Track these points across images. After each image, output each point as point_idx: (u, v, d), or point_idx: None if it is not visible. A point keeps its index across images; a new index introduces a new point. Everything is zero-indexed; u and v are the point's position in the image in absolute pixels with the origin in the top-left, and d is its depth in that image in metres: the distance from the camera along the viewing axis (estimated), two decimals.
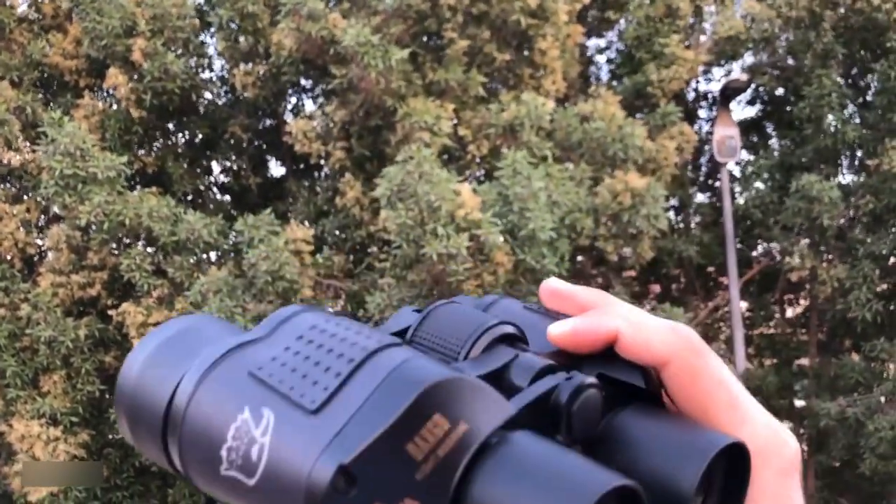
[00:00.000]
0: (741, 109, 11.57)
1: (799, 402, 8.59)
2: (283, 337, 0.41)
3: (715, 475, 0.41)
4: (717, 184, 8.83)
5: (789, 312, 9.45)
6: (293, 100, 8.04)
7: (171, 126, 7.77)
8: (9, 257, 6.93)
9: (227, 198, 8.40)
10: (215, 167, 8.39)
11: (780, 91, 8.65)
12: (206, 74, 7.86)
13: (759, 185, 8.29)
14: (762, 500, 0.42)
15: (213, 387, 0.39)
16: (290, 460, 0.35)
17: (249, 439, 0.37)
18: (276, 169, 8.48)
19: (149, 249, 6.83)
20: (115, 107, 7.41)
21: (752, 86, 8.68)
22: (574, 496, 0.34)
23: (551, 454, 0.37)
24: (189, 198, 7.77)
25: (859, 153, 8.11)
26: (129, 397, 0.42)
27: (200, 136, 7.76)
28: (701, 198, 9.50)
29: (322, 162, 7.00)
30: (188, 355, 0.41)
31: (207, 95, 7.88)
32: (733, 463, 0.41)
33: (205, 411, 0.39)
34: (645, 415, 0.42)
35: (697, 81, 9.24)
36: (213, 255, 7.05)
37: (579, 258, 7.40)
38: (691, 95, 9.30)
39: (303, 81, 7.48)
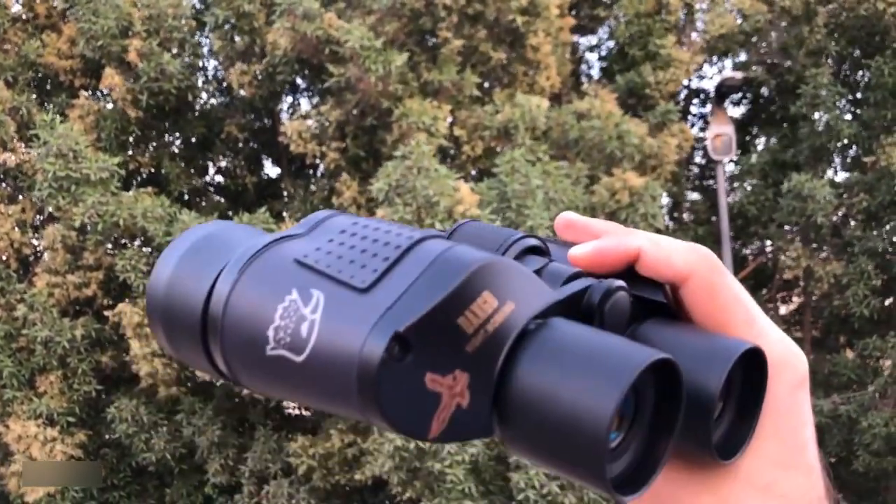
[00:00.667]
0: (731, 108, 11.60)
1: None
2: (325, 232, 0.41)
3: (733, 382, 0.43)
4: (711, 182, 8.86)
5: (783, 310, 9.49)
6: (288, 99, 8.04)
7: (166, 126, 7.76)
8: (4, 257, 6.92)
9: (223, 198, 8.40)
10: (211, 167, 8.39)
11: (767, 89, 8.68)
12: (202, 74, 7.86)
13: (752, 182, 8.32)
14: (776, 410, 0.44)
15: (256, 275, 0.39)
16: (342, 333, 0.35)
17: (298, 317, 0.37)
18: (272, 169, 8.48)
19: (144, 249, 6.82)
20: (110, 107, 7.40)
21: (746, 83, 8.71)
22: (616, 370, 0.35)
23: (592, 335, 0.38)
24: (185, 198, 7.76)
25: (852, 150, 8.15)
26: (162, 304, 0.42)
27: (196, 136, 7.76)
28: (693, 195, 9.53)
29: (318, 162, 7.00)
30: (220, 255, 0.41)
31: (203, 95, 7.87)
32: (750, 373, 0.43)
33: (248, 298, 0.39)
34: (667, 325, 0.44)
35: (690, 79, 9.27)
36: None
37: None
38: (683, 93, 9.33)
39: (298, 81, 7.48)
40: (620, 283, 0.42)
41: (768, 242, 8.15)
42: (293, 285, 0.38)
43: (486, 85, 6.93)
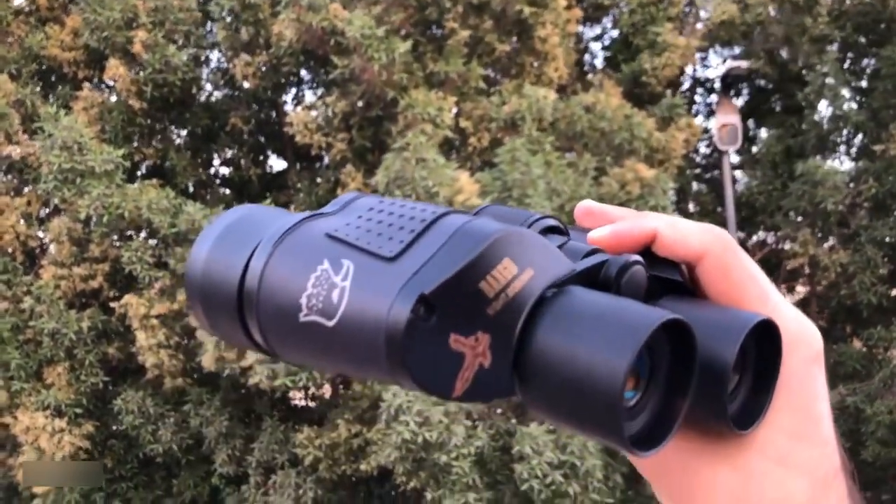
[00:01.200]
0: (735, 98, 11.53)
1: None
2: (354, 210, 0.44)
3: (748, 355, 0.44)
4: (716, 172, 8.83)
5: (788, 300, 9.46)
6: (293, 91, 8.03)
7: (171, 118, 7.75)
8: (10, 250, 6.94)
9: (228, 190, 8.41)
10: (216, 159, 8.39)
11: (771, 78, 8.62)
12: (207, 66, 7.85)
13: (760, 171, 8.28)
14: (791, 383, 0.44)
15: (289, 249, 0.42)
16: (370, 298, 0.38)
17: (330, 284, 0.39)
18: (277, 161, 8.48)
19: (150, 241, 6.83)
20: (114, 99, 7.40)
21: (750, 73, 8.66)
22: (630, 329, 0.37)
23: (608, 299, 0.40)
24: (191, 190, 7.76)
25: (858, 139, 8.11)
26: (200, 283, 0.44)
27: (201, 127, 7.75)
28: (698, 186, 9.50)
29: (323, 153, 6.99)
30: (253, 234, 0.44)
31: (207, 87, 7.86)
32: (765, 346, 0.44)
33: (282, 270, 0.41)
34: (683, 301, 0.45)
35: (695, 69, 9.23)
36: None
37: None
38: (688, 83, 9.29)
39: (303, 73, 7.47)
40: (637, 258, 0.44)
41: (770, 233, 8.13)
42: (325, 256, 0.40)
43: (492, 76, 6.91)
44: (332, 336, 0.39)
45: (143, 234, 6.85)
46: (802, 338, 0.45)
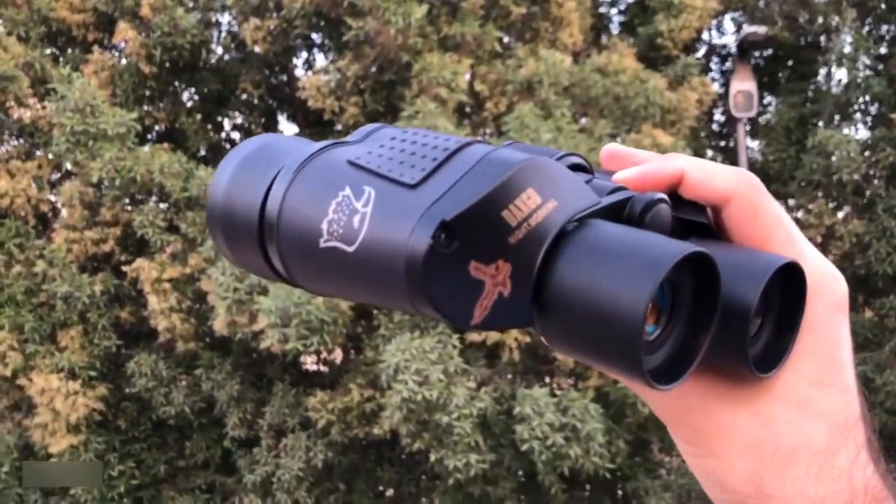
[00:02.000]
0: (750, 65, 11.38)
1: None
2: (377, 140, 0.43)
3: (772, 298, 0.44)
4: (732, 141, 8.75)
5: None
6: (304, 55, 7.95)
7: (181, 81, 7.70)
8: (22, 214, 6.94)
9: None
10: (227, 123, 8.35)
11: (784, 47, 8.49)
12: (217, 29, 7.76)
13: (773, 138, 8.20)
14: (815, 328, 0.44)
15: (310, 176, 0.41)
16: (391, 224, 0.38)
17: (351, 210, 0.39)
18: (288, 125, 8.42)
19: (161, 205, 6.83)
20: (124, 62, 7.34)
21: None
22: (652, 262, 0.37)
23: (631, 232, 0.39)
24: (202, 153, 7.74)
25: (874, 108, 8.01)
26: (221, 211, 0.44)
27: (211, 91, 7.70)
28: (713, 154, 9.42)
29: (335, 118, 6.94)
30: (275, 161, 0.43)
31: (218, 50, 7.79)
32: (789, 291, 0.43)
33: (303, 196, 0.41)
34: (707, 242, 0.44)
35: (710, 34, 9.10)
36: None
37: None
38: (703, 49, 9.16)
39: (314, 36, 7.38)
40: (663, 195, 0.43)
41: (790, 201, 8.06)
42: (346, 183, 0.40)
43: (507, 41, 6.82)
44: (352, 262, 0.38)
45: (154, 198, 6.84)
46: (827, 283, 0.44)
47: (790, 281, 0.43)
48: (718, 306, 0.39)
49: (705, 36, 8.95)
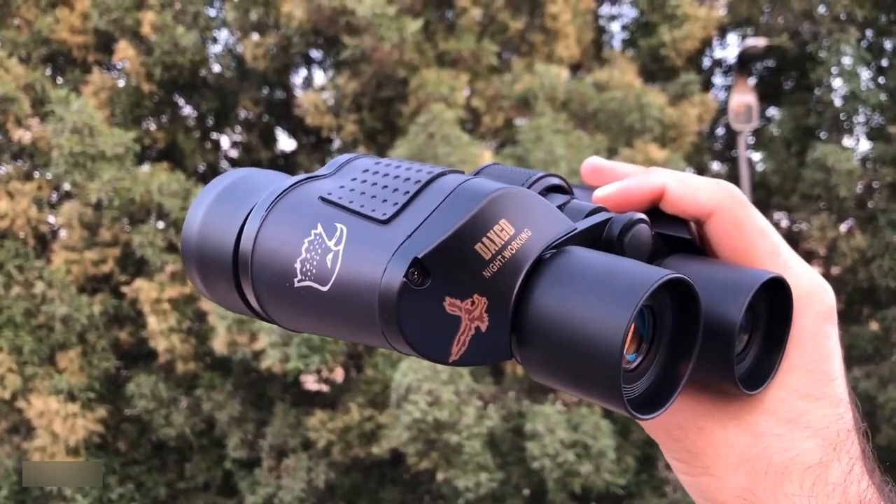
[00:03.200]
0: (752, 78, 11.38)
1: None
2: (349, 172, 0.43)
3: (759, 314, 0.43)
4: (734, 152, 8.72)
5: None
6: (303, 72, 7.96)
7: (180, 100, 7.71)
8: (22, 235, 6.93)
9: None
10: (225, 141, 8.35)
11: (784, 59, 8.48)
12: (216, 47, 7.80)
13: (774, 151, 8.17)
14: (803, 341, 0.43)
15: (283, 213, 0.41)
16: (364, 262, 0.37)
17: (323, 249, 0.38)
18: (287, 142, 8.43)
19: (160, 225, 6.81)
20: (123, 82, 7.36)
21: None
22: (629, 289, 0.36)
23: (608, 259, 0.39)
24: (200, 171, 7.73)
25: (875, 119, 7.98)
26: (196, 249, 0.44)
27: (210, 109, 7.70)
28: (716, 167, 9.39)
29: (333, 134, 6.94)
30: (248, 197, 0.43)
31: (217, 68, 7.81)
32: (775, 305, 0.43)
33: (276, 235, 0.40)
34: (690, 259, 0.44)
35: (713, 49, 9.10)
36: None
37: None
38: (707, 63, 9.16)
39: (313, 53, 7.40)
40: (642, 215, 0.42)
41: (783, 215, 8.03)
42: (318, 220, 0.39)
43: (505, 55, 6.81)
44: (327, 301, 0.38)
45: (153, 218, 6.82)
46: (814, 294, 0.44)
47: (776, 295, 0.42)
48: (700, 330, 0.39)
49: (708, 51, 8.95)
